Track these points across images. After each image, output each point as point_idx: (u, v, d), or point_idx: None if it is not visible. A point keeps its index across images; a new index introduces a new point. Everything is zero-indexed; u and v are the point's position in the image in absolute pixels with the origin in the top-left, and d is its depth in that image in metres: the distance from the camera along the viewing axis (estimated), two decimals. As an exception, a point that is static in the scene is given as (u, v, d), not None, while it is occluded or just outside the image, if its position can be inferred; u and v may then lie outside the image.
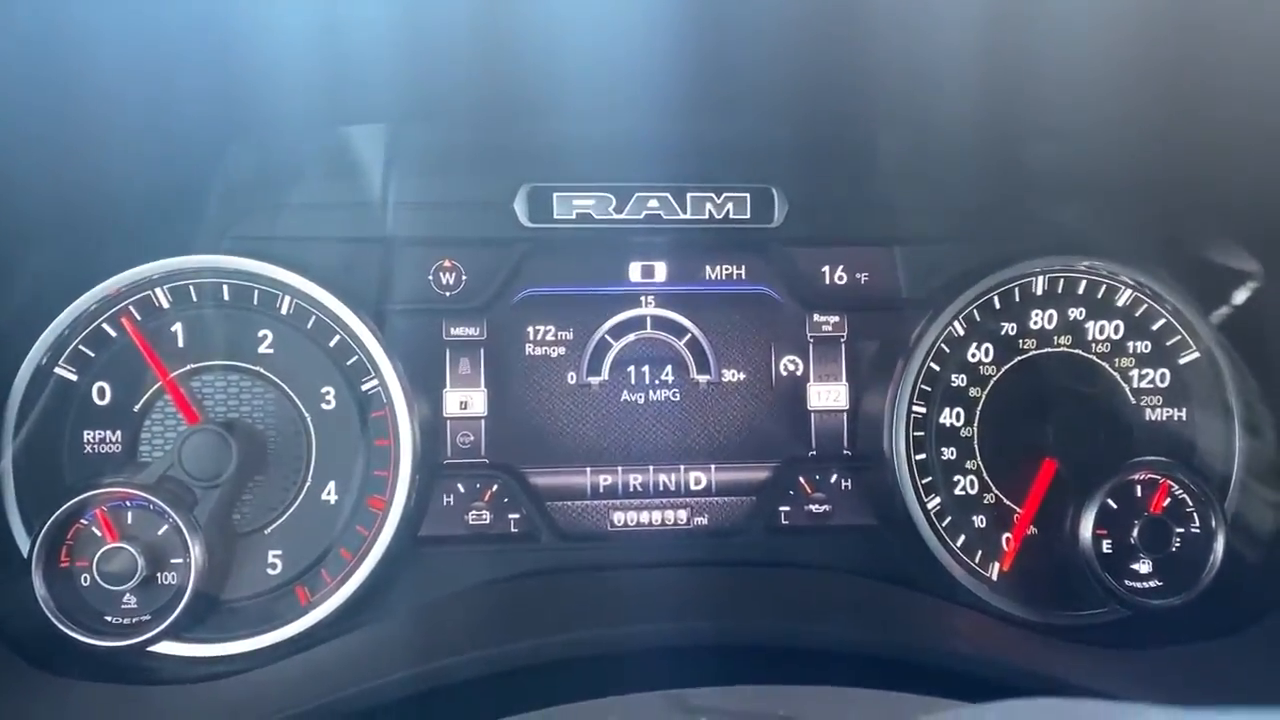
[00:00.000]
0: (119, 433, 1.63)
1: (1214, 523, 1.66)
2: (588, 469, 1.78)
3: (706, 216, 1.76)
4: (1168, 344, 1.79)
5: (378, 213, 1.72)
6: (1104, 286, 1.79)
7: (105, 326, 1.64)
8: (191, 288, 1.65)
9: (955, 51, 1.32)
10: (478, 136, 1.65)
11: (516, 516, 1.76)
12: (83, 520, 1.57)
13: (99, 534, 1.56)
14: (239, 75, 1.36)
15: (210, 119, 1.48)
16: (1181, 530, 1.68)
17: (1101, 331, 1.79)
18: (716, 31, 1.26)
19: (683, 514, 1.80)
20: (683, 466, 1.80)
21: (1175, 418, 1.79)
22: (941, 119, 1.57)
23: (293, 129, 1.58)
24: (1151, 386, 1.79)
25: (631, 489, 1.79)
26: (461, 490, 1.76)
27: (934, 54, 1.33)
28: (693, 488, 1.80)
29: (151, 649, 1.56)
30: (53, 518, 1.51)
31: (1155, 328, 1.79)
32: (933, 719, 0.79)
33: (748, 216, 1.77)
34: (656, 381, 1.80)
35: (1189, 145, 1.60)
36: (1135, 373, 1.79)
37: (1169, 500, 1.68)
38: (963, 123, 1.57)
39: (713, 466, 1.80)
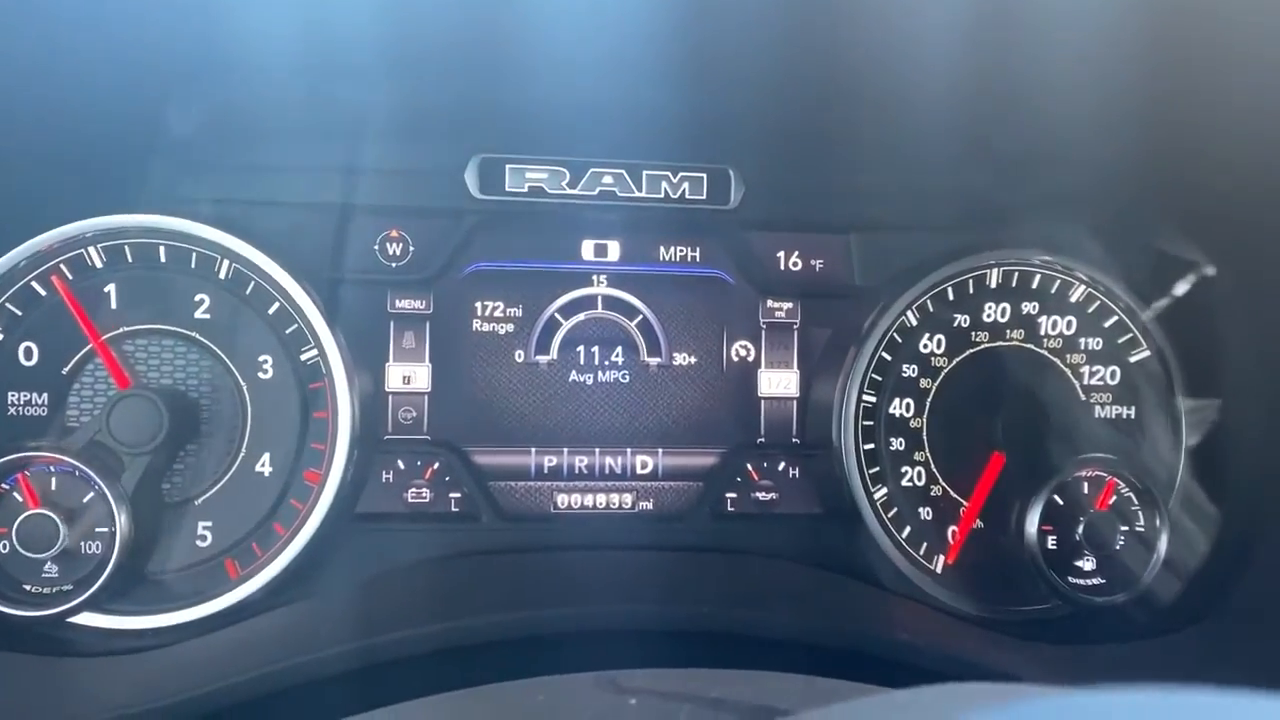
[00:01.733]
0: (45, 395, 1.57)
1: (1158, 522, 1.66)
2: (532, 449, 1.75)
3: (662, 195, 1.73)
4: (1119, 342, 1.79)
5: (323, 178, 1.67)
6: (1058, 282, 1.78)
7: (34, 284, 1.57)
8: (126, 248, 1.59)
9: (928, 39, 1.30)
10: (431, 102, 1.59)
11: (458, 495, 1.73)
12: (3, 485, 1.51)
13: (20, 499, 1.50)
14: (186, 29, 1.32)
15: (153, 76, 1.43)
16: (1126, 528, 1.67)
17: (1054, 327, 1.78)
18: (685, 4, 1.23)
19: (628, 498, 1.77)
20: (629, 450, 1.77)
21: (1124, 416, 1.79)
22: (908, 107, 1.55)
23: (240, 87, 1.52)
24: (1101, 384, 1.79)
25: (576, 471, 1.76)
26: (402, 467, 1.72)
27: (906, 41, 1.32)
28: (639, 471, 1.77)
29: (72, 620, 1.50)
30: (-30, 481, 1.46)
31: (1107, 325, 1.79)
32: (866, 701, 0.77)
33: (704, 197, 1.74)
34: (606, 362, 1.77)
35: (1154, 145, 1.60)
36: (1086, 369, 1.79)
37: (1114, 498, 1.68)
38: (930, 111, 1.55)
39: (660, 451, 1.78)
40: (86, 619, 1.53)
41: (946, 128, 1.61)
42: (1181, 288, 1.76)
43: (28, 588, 1.51)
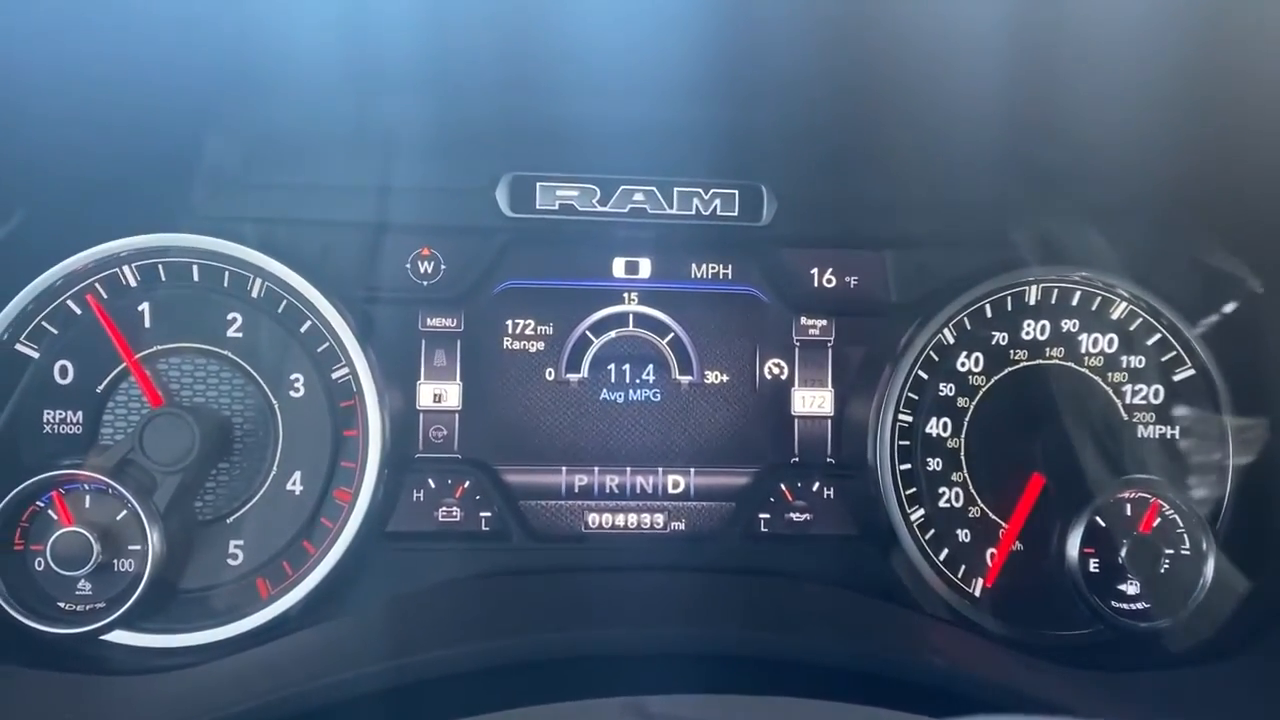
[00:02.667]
0: (80, 413, 1.58)
1: (1204, 545, 1.62)
2: (563, 468, 1.74)
3: (693, 212, 1.72)
4: (1163, 360, 1.75)
5: (354, 197, 1.67)
6: (1099, 299, 1.75)
7: (70, 303, 1.59)
8: (160, 267, 1.61)
9: (964, 53, 1.29)
10: (462, 121, 1.60)
11: (488, 514, 1.72)
12: (39, 502, 1.52)
13: (54, 517, 1.52)
14: (219, 53, 1.33)
15: (187, 97, 1.44)
16: (1171, 551, 1.63)
17: (1095, 345, 1.74)
18: (717, 20, 1.23)
19: (660, 518, 1.75)
20: (661, 469, 1.75)
21: (1168, 436, 1.75)
22: (944, 120, 1.53)
23: (273, 108, 1.54)
24: (1145, 403, 1.75)
25: (607, 490, 1.74)
26: (432, 485, 1.71)
27: (942, 54, 1.30)
28: (671, 491, 1.75)
29: (105, 638, 1.51)
30: (7, 498, 1.47)
31: (1150, 343, 1.75)
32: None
33: (735, 214, 1.72)
34: (637, 380, 1.76)
35: (1196, 159, 1.57)
36: (1128, 388, 1.75)
37: (1159, 520, 1.63)
38: (967, 125, 1.54)
39: (692, 470, 1.76)
40: (119, 637, 1.54)
41: (984, 141, 1.59)
42: (1230, 305, 1.72)
43: (62, 605, 1.52)
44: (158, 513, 1.48)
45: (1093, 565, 1.63)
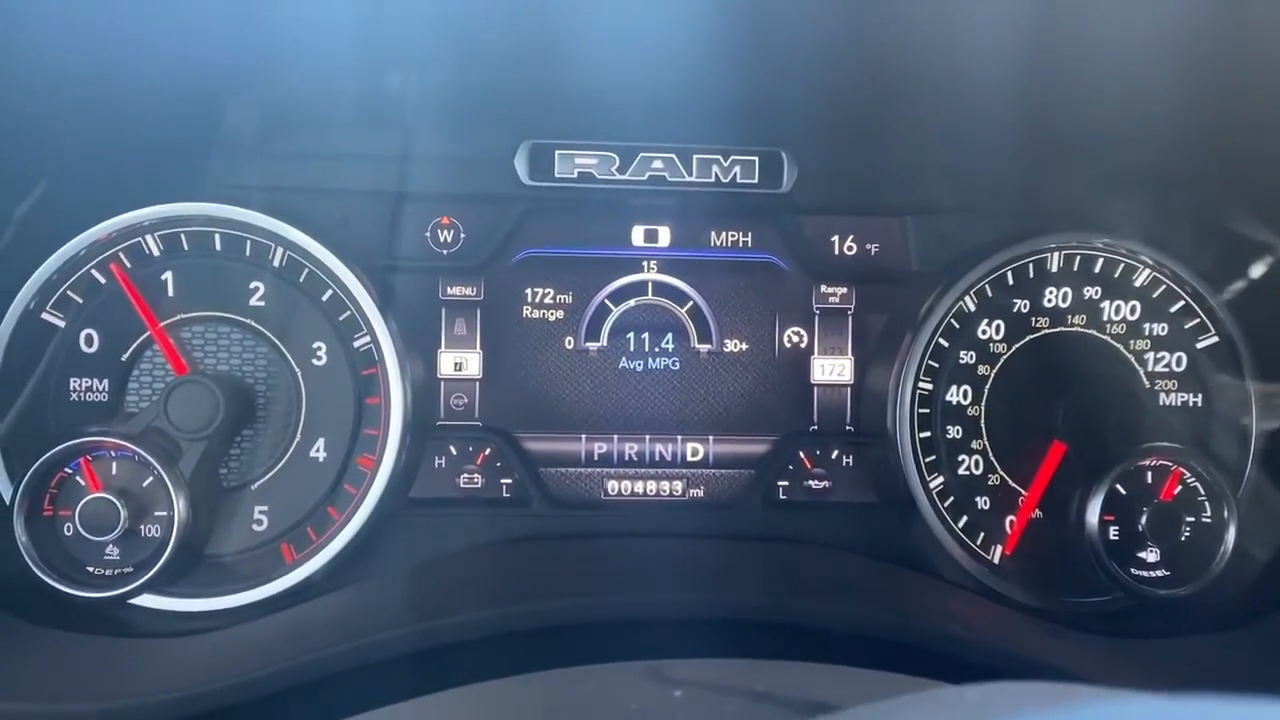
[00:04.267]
0: (105, 381, 1.61)
1: (1225, 513, 1.62)
2: (583, 436, 1.75)
3: (713, 179, 1.71)
4: (1185, 327, 1.74)
5: (374, 166, 1.68)
6: (1121, 266, 1.73)
7: (94, 273, 1.61)
8: (183, 236, 1.62)
9: (985, 20, 1.28)
10: (480, 88, 1.60)
11: (509, 481, 1.73)
12: (67, 469, 1.55)
13: (82, 483, 1.54)
14: (239, 24, 1.34)
15: (208, 67, 1.45)
16: (1192, 519, 1.63)
17: (1117, 312, 1.74)
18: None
19: (678, 485, 1.76)
20: (680, 437, 1.76)
21: (1190, 404, 1.74)
22: (966, 86, 1.52)
23: (293, 77, 1.54)
24: (1167, 370, 1.74)
25: (627, 458, 1.75)
26: (454, 452, 1.73)
27: (963, 21, 1.29)
28: (690, 459, 1.76)
29: (132, 601, 1.54)
30: (36, 465, 1.50)
31: (1173, 310, 1.74)
32: (912, 698, 0.76)
33: (755, 181, 1.72)
34: (656, 349, 1.76)
35: (1219, 125, 1.55)
36: (1150, 356, 1.74)
37: (1180, 488, 1.63)
38: (988, 92, 1.52)
39: (711, 438, 1.77)
40: (146, 600, 1.57)
41: (1005, 109, 1.58)
42: (1257, 270, 1.70)
43: (90, 569, 1.56)
44: (183, 479, 1.51)
45: (1113, 533, 1.63)
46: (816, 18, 1.32)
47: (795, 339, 1.78)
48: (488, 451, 1.73)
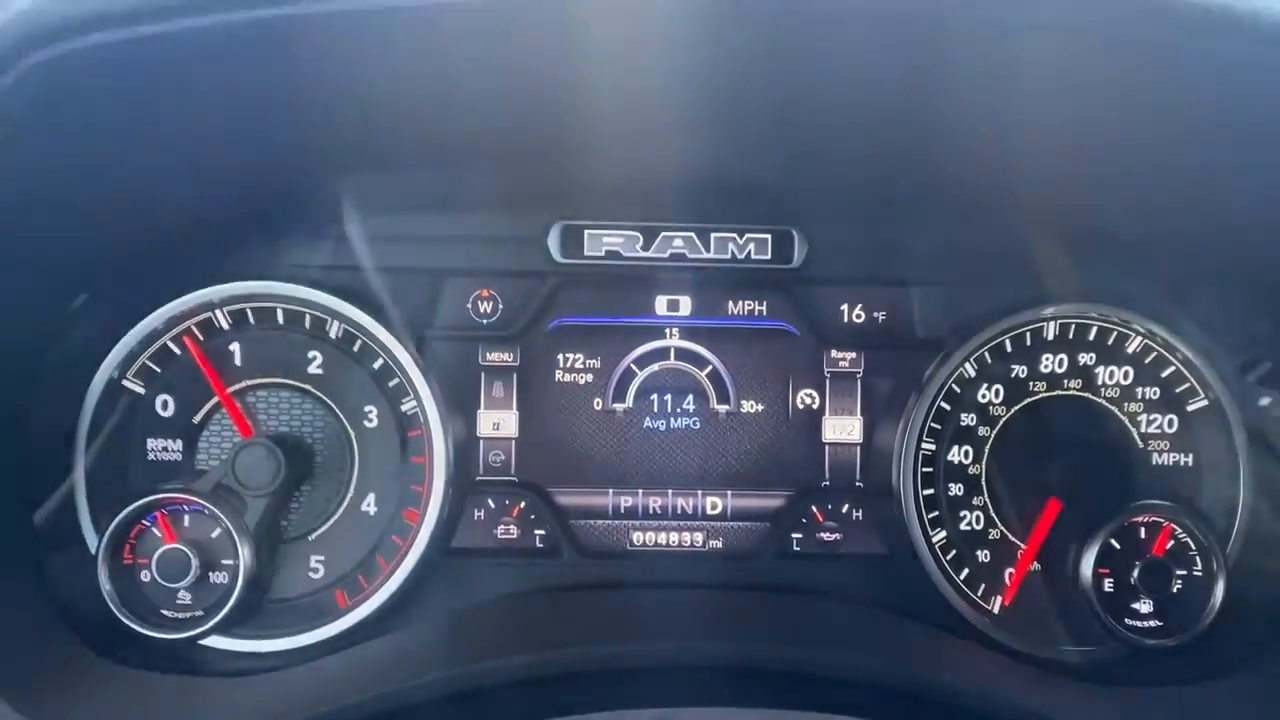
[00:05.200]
0: (179, 442, 1.76)
1: (1215, 567, 1.70)
2: (610, 490, 1.88)
3: (729, 256, 1.84)
4: (1176, 391, 1.83)
5: (421, 246, 1.83)
6: (1115, 333, 1.83)
7: (170, 344, 1.77)
8: (249, 310, 1.78)
9: (998, 115, 1.36)
10: (517, 178, 1.74)
11: (542, 533, 1.86)
12: (144, 521, 1.70)
13: (158, 534, 1.70)
14: (304, 139, 1.48)
15: (275, 166, 1.60)
16: (1183, 573, 1.71)
17: (1111, 377, 1.83)
18: (751, 82, 1.33)
19: (699, 536, 1.88)
20: (700, 491, 1.88)
21: (1181, 463, 1.83)
22: (975, 173, 1.63)
23: (352, 173, 1.67)
24: (1159, 432, 1.83)
25: (651, 511, 1.88)
26: (491, 506, 1.86)
27: (977, 119, 1.39)
28: (709, 512, 1.88)
29: (202, 642, 1.69)
30: (118, 518, 1.64)
31: (1164, 375, 1.83)
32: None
33: (768, 257, 1.84)
34: (678, 410, 1.89)
35: (1203, 200, 1.63)
36: (1143, 418, 1.83)
37: (1171, 543, 1.72)
38: (996, 177, 1.62)
39: (729, 493, 1.89)
40: (214, 641, 1.71)
41: (1009, 194, 1.69)
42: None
43: (165, 613, 1.70)
44: (248, 531, 1.66)
45: (1107, 585, 1.71)
46: (832, 117, 1.44)
47: (808, 400, 1.90)
48: (523, 505, 1.86)
